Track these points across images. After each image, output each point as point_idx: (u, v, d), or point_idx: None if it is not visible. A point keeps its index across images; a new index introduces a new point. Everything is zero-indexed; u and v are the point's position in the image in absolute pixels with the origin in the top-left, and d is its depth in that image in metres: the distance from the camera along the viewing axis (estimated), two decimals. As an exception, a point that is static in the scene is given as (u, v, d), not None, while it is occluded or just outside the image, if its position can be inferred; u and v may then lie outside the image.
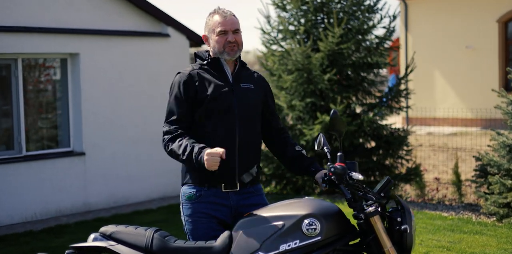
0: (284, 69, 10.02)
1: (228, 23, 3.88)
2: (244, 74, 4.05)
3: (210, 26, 3.92)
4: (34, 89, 9.40)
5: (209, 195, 3.86)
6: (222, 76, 3.93)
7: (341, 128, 3.81)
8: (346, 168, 3.65)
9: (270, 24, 10.39)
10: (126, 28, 9.88)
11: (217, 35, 3.88)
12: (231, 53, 3.89)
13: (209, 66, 3.94)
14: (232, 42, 3.87)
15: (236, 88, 3.93)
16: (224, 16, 3.89)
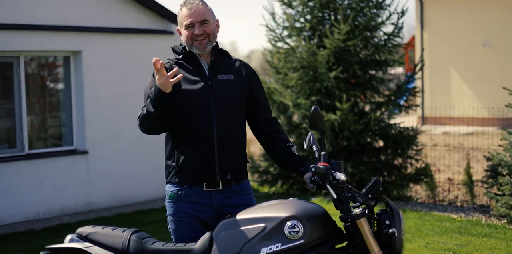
0: (289, 67, 9.85)
1: (194, 15, 3.69)
2: (224, 64, 3.85)
3: (179, 19, 3.77)
4: (36, 87, 9.31)
5: (190, 194, 3.70)
6: (198, 70, 3.75)
7: (322, 125, 3.64)
8: (329, 167, 3.47)
9: (275, 21, 10.21)
10: (128, 25, 9.76)
11: (185, 29, 3.72)
12: (200, 47, 3.71)
13: (184, 61, 3.79)
14: (199, 35, 3.68)
15: (213, 82, 3.75)
16: (189, 8, 3.70)
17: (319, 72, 9.49)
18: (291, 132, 10.09)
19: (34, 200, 8.82)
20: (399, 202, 9.45)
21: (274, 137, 3.91)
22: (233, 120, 3.79)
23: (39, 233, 8.11)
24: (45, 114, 9.40)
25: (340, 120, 9.28)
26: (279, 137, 3.91)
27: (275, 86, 10.35)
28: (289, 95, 9.93)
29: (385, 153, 9.88)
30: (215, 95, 3.72)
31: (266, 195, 10.27)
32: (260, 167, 10.44)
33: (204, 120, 3.69)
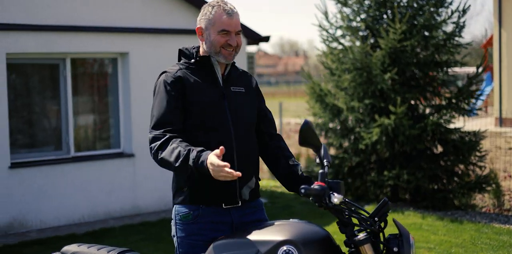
0: (343, 68, 9.44)
1: (233, 24, 3.38)
2: (235, 75, 3.55)
3: (211, 20, 3.39)
4: (83, 89, 9.24)
5: (208, 214, 3.37)
6: (212, 79, 3.43)
7: (314, 140, 3.26)
8: (326, 188, 3.11)
9: (328, 20, 9.81)
10: (176, 26, 9.56)
11: (218, 34, 3.37)
12: (228, 58, 3.40)
13: (196, 66, 3.44)
14: (233, 46, 3.38)
15: (227, 93, 3.43)
16: (230, 14, 3.37)
17: (373, 74, 9.05)
18: (345, 136, 9.68)
19: (79, 203, 8.74)
20: (458, 212, 8.91)
21: (277, 153, 3.58)
22: (249, 135, 3.49)
23: (80, 238, 8.01)
24: (91, 116, 9.33)
25: (394, 124, 8.82)
26: (282, 154, 3.58)
27: (328, 88, 9.95)
28: (343, 98, 9.52)
29: (444, 159, 9.34)
30: (231, 108, 3.41)
31: (318, 201, 9.87)
32: (314, 172, 10.07)
33: (222, 135, 3.37)
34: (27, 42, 8.28)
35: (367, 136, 9.05)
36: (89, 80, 9.34)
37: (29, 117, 8.84)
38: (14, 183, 8.23)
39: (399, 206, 9.22)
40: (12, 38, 8.17)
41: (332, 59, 9.63)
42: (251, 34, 10.27)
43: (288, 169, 3.53)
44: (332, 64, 9.71)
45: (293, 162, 3.55)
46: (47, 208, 8.49)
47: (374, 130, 8.97)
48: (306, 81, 10.13)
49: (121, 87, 9.22)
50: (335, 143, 9.79)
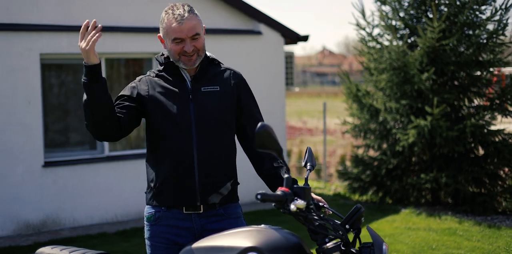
0: (381, 68, 9.21)
1: (185, 30, 3.21)
2: (211, 73, 3.42)
3: (164, 28, 3.27)
4: (117, 89, 9.30)
5: (168, 217, 3.32)
6: (178, 82, 3.35)
7: (272, 144, 3.09)
8: (288, 194, 2.96)
9: (365, 19, 9.59)
10: (213, 26, 9.52)
11: (172, 42, 3.25)
12: (188, 64, 3.28)
13: (164, 72, 3.38)
14: (189, 52, 3.24)
15: (195, 95, 3.33)
16: (179, 22, 3.20)
17: (410, 73, 8.80)
18: (383, 138, 9.46)
19: (112, 203, 8.81)
20: (498, 217, 8.58)
21: (262, 155, 3.45)
22: (217, 138, 3.35)
23: (110, 237, 8.06)
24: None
25: (431, 126, 8.56)
26: (267, 156, 3.45)
27: (366, 88, 9.73)
28: (380, 98, 9.30)
29: (487, 162, 9.01)
30: (197, 110, 3.31)
31: (355, 204, 9.68)
32: (351, 173, 9.87)
33: (183, 138, 3.29)
34: (61, 42, 8.39)
35: (403, 138, 8.81)
36: (124, 80, 9.40)
37: (63, 117, 8.96)
38: (48, 182, 8.35)
39: (437, 210, 8.95)
40: (46, 39, 8.28)
41: (369, 58, 9.42)
42: (289, 34, 10.15)
43: (272, 170, 3.41)
44: (369, 64, 9.49)
45: (278, 164, 3.43)
46: (80, 207, 8.58)
47: (410, 131, 8.73)
48: (344, 81, 9.94)
49: (155, 87, 9.23)
50: (373, 144, 9.58)
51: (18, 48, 8.10)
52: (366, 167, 9.59)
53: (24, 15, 8.16)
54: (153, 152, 3.34)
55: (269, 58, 10.02)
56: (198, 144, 3.29)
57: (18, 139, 8.13)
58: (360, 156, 9.77)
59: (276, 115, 10.11)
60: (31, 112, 8.22)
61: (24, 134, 8.17)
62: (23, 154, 8.18)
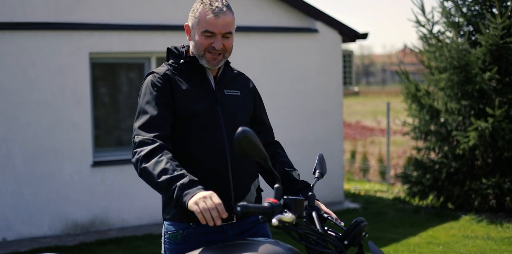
0: (441, 67, 8.75)
1: (219, 24, 2.92)
2: (228, 77, 3.14)
3: (196, 18, 2.95)
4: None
5: (199, 233, 2.99)
6: (203, 81, 3.04)
7: (255, 151, 2.77)
8: (277, 205, 2.67)
9: (425, 16, 9.14)
10: (267, 24, 9.29)
11: (202, 34, 2.94)
12: (212, 63, 2.98)
13: (186, 68, 3.04)
14: (218, 49, 2.95)
15: (220, 97, 3.04)
16: (216, 14, 2.91)
17: (471, 73, 8.32)
18: (444, 140, 8.99)
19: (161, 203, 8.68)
20: None
21: (272, 160, 3.20)
22: None
23: (155, 238, 7.94)
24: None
25: (492, 128, 8.06)
26: (279, 162, 3.20)
27: (428, 88, 9.28)
28: (441, 98, 8.84)
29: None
30: (225, 113, 3.02)
31: (414, 209, 9.26)
32: (411, 177, 9.44)
33: (214, 144, 2.98)
34: (111, 41, 8.34)
35: (463, 140, 8.34)
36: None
37: (113, 116, 8.91)
38: (96, 181, 8.32)
39: (500, 218, 8.44)
40: (96, 38, 8.25)
41: (428, 57, 8.97)
42: (347, 32, 9.81)
43: (282, 175, 3.15)
44: (430, 63, 9.05)
45: (289, 169, 3.18)
46: (129, 207, 8.51)
47: (470, 133, 8.25)
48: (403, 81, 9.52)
49: (207, 86, 9.09)
50: (433, 147, 9.13)
51: (67, 47, 8.09)
52: (426, 170, 9.15)
53: (73, 14, 8.14)
54: (181, 160, 2.89)
55: (325, 56, 9.71)
56: (230, 150, 2.99)
57: (67, 138, 8.13)
58: (420, 158, 9.33)
59: (332, 115, 9.79)
60: (80, 112, 8.20)
61: (73, 133, 8.16)
62: (72, 154, 8.17)
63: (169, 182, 2.65)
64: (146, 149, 2.78)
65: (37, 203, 7.98)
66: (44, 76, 7.98)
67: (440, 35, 9.08)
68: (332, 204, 9.72)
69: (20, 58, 7.87)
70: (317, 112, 9.66)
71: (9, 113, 7.85)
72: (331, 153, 9.79)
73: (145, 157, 2.76)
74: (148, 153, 2.76)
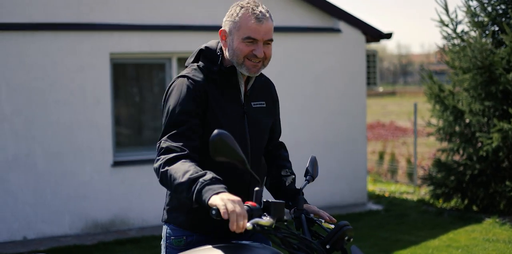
0: (465, 67, 8.60)
1: (263, 31, 2.79)
2: (256, 87, 3.02)
3: (236, 23, 2.82)
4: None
5: (203, 241, 2.90)
6: (233, 94, 2.92)
7: (229, 154, 2.71)
8: (256, 209, 2.62)
9: (448, 15, 8.98)
10: (289, 24, 9.23)
11: (243, 41, 2.80)
12: (252, 70, 2.82)
13: (219, 76, 2.89)
14: (259, 57, 2.80)
15: (248, 111, 2.95)
16: (259, 19, 2.79)
17: (495, 73, 8.15)
18: (468, 142, 8.84)
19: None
20: None
21: (271, 162, 3.18)
22: (261, 159, 3.05)
23: (173, 238, 7.94)
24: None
25: (515, 130, 7.90)
26: (277, 163, 3.16)
27: (453, 89, 9.13)
28: (465, 99, 8.69)
29: None
30: (251, 128, 2.94)
31: (438, 211, 9.11)
32: (435, 179, 9.30)
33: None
34: (131, 42, 8.37)
35: (487, 142, 8.18)
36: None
37: (133, 116, 8.95)
38: (116, 181, 8.36)
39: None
40: (116, 38, 8.29)
41: (452, 57, 8.82)
42: (371, 31, 9.70)
43: (276, 178, 3.11)
44: (454, 63, 8.89)
45: (286, 173, 3.12)
46: (149, 207, 8.53)
47: (494, 135, 8.09)
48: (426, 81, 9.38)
49: (228, 87, 9.08)
50: (457, 148, 8.98)
51: (88, 47, 8.15)
52: (450, 172, 9.00)
53: (94, 15, 8.19)
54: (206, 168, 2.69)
55: (348, 56, 9.62)
56: (251, 165, 2.90)
57: (87, 138, 8.18)
58: (444, 160, 9.19)
59: (355, 116, 9.70)
60: (100, 112, 8.25)
61: (93, 133, 8.22)
62: (92, 153, 8.23)
63: (192, 180, 2.51)
64: (171, 155, 2.65)
65: (57, 202, 8.05)
66: (64, 76, 8.04)
67: (464, 35, 8.92)
68: (355, 206, 9.62)
69: (41, 59, 7.95)
70: (340, 113, 9.58)
71: (30, 113, 7.93)
72: (354, 154, 9.69)
73: (168, 161, 2.63)
74: (173, 158, 2.63)
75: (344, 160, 9.63)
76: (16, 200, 7.90)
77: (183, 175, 2.53)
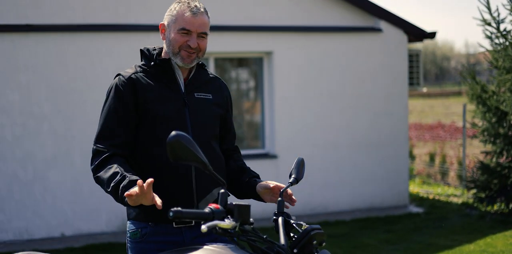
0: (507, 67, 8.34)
1: (196, 23, 2.97)
2: (201, 80, 3.14)
3: (173, 16, 3.01)
4: (227, 89, 9.23)
5: (156, 233, 3.04)
6: (172, 84, 3.05)
7: (188, 156, 2.68)
8: (219, 211, 2.58)
9: (491, 14, 8.73)
10: (328, 23, 9.15)
11: (178, 32, 2.98)
12: (186, 60, 3.00)
13: (155, 70, 3.06)
14: (193, 48, 2.98)
15: (190, 101, 3.05)
16: (193, 12, 2.97)
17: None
18: (511, 144, 8.57)
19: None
20: None
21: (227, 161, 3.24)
22: (211, 147, 3.10)
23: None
24: (234, 116, 9.28)
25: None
26: (233, 159, 3.25)
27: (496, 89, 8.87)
28: (508, 100, 8.43)
29: None
30: (192, 117, 3.04)
31: (480, 214, 8.88)
32: (478, 181, 9.05)
33: None
34: (169, 42, 8.45)
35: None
36: (233, 80, 9.31)
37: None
38: (153, 180, 8.45)
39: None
40: (153, 39, 8.34)
41: (495, 56, 8.57)
42: (413, 31, 9.52)
43: (235, 173, 3.18)
44: (496, 63, 8.65)
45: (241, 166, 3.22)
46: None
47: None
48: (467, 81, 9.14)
49: (266, 87, 9.07)
50: (500, 150, 8.72)
51: (125, 48, 8.26)
52: (494, 175, 8.75)
53: (132, 16, 8.31)
54: (143, 160, 3.02)
55: (389, 56, 9.46)
56: None
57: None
58: (486, 162, 8.94)
59: (396, 116, 9.54)
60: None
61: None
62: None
63: (115, 187, 2.79)
64: (98, 159, 2.93)
65: (95, 199, 8.19)
66: (102, 77, 8.18)
67: (508, 34, 8.66)
68: (395, 208, 9.47)
69: (80, 60, 8.12)
70: (381, 114, 9.44)
71: (69, 113, 8.11)
72: (396, 155, 9.54)
73: (97, 166, 2.92)
74: (100, 162, 2.92)
75: (386, 162, 9.48)
76: (55, 197, 8.09)
77: (108, 184, 2.82)
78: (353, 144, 9.29)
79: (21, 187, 7.99)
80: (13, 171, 7.95)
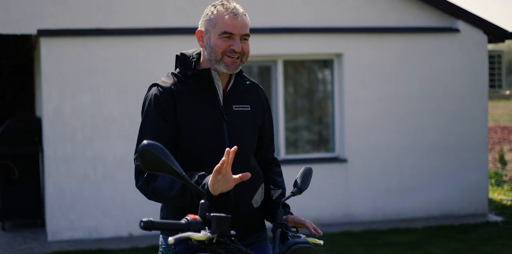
0: None
1: (238, 25, 2.81)
2: (240, 89, 2.98)
3: (211, 20, 2.84)
4: (295, 91, 9.12)
5: (190, 250, 2.82)
6: (210, 97, 2.89)
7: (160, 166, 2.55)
8: (196, 223, 2.46)
9: None
10: (403, 24, 8.86)
11: (220, 37, 2.81)
12: (231, 67, 2.83)
13: (194, 80, 2.89)
14: (237, 52, 2.81)
15: (228, 114, 2.90)
16: (234, 14, 2.82)
17: None
18: None
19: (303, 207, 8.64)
20: None
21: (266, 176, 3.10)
22: (247, 163, 2.94)
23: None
24: (303, 119, 9.16)
25: None
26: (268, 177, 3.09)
27: None
28: None
29: None
30: (230, 131, 2.89)
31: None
32: None
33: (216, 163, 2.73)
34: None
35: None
36: (303, 82, 9.19)
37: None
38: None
39: None
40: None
41: None
42: (494, 31, 9.06)
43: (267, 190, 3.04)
44: None
45: (274, 187, 3.04)
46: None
47: None
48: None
49: (336, 89, 8.89)
50: None
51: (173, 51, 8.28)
52: None
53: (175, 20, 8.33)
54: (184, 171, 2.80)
55: (468, 57, 9.06)
56: (235, 170, 2.76)
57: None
58: None
59: (476, 120, 9.12)
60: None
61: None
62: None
63: (182, 187, 2.65)
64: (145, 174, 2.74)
65: (162, 201, 8.28)
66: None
67: None
68: (473, 216, 9.04)
69: (148, 62, 8.24)
70: (458, 118, 9.05)
71: (137, 115, 8.13)
72: (474, 161, 9.12)
73: (147, 182, 2.74)
74: (148, 177, 2.73)
75: (464, 167, 9.08)
76: (124, 197, 8.25)
77: (171, 186, 2.66)
78: (429, 147, 8.96)
79: (91, 187, 8.20)
80: (83, 172, 8.17)
